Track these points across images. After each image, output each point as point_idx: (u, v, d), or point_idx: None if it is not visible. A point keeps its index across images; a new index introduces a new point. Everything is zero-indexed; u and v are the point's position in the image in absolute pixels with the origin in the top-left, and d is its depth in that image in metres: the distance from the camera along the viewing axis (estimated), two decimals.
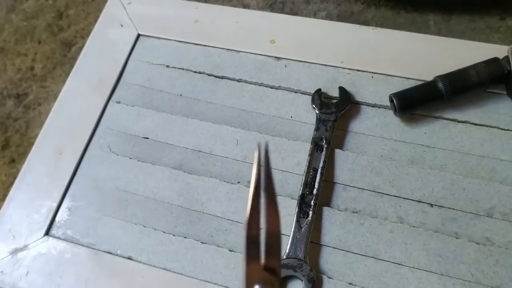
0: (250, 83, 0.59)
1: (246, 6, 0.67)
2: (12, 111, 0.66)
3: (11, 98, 0.67)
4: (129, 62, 0.63)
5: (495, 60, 0.53)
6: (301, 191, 0.51)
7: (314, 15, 0.65)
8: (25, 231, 0.54)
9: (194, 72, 0.61)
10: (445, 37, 0.59)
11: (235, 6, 0.66)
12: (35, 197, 0.56)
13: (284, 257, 0.48)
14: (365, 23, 0.63)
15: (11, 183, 0.58)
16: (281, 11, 0.66)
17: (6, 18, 0.74)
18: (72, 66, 0.64)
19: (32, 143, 0.60)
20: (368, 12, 0.64)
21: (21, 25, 0.73)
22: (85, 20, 0.71)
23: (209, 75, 0.60)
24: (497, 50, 0.54)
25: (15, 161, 0.62)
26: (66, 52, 0.69)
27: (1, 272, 0.52)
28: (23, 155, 0.61)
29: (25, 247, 0.53)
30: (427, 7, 0.63)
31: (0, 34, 0.73)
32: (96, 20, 0.67)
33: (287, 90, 0.58)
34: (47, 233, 0.54)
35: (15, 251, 0.53)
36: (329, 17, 0.65)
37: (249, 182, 0.53)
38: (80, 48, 0.66)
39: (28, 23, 0.73)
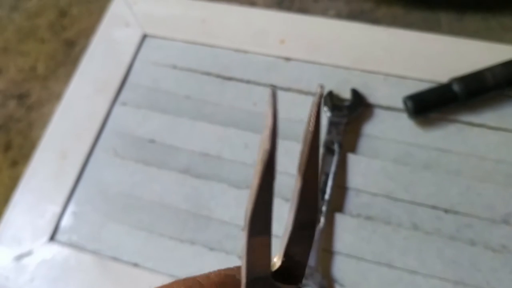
0: (259, 85, 0.57)
1: (253, 4, 0.65)
2: (14, 113, 0.65)
3: (13, 99, 0.66)
4: (135, 63, 0.61)
5: (511, 62, 0.52)
6: None
7: (324, 13, 0.64)
8: (30, 236, 0.53)
9: (202, 73, 0.59)
10: (458, 36, 0.57)
11: (242, 4, 0.65)
12: (39, 201, 0.55)
13: None
14: (376, 21, 0.62)
15: (15, 186, 0.57)
16: (289, 9, 0.64)
17: (8, 17, 0.73)
18: (75, 66, 0.63)
19: (35, 145, 0.59)
20: (379, 11, 0.63)
21: (24, 24, 0.72)
22: (89, 19, 0.70)
23: (217, 76, 0.59)
24: None
25: (18, 164, 0.61)
26: (70, 52, 0.68)
27: (6, 278, 0.51)
28: (26, 157, 0.60)
29: (29, 253, 0.52)
30: (439, 5, 0.62)
31: (2, 33, 0.72)
32: (100, 20, 0.66)
33: (297, 92, 0.56)
34: (51, 238, 0.53)
35: (20, 257, 0.52)
36: (338, 15, 0.63)
37: None
38: (84, 48, 0.64)
39: (31, 22, 0.72)
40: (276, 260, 0.22)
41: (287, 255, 0.22)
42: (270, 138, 0.19)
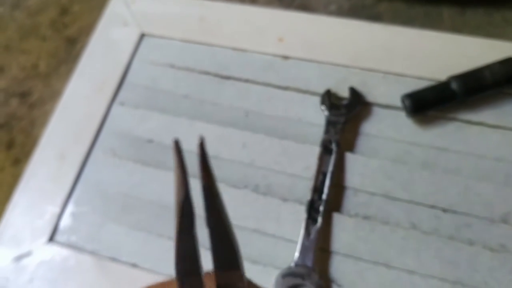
0: (257, 84, 0.57)
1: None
2: (16, 111, 0.65)
3: (16, 97, 0.66)
4: (133, 62, 0.61)
5: (509, 60, 0.51)
6: (310, 196, 0.49)
7: (325, 7, 0.63)
8: (29, 237, 0.53)
9: (200, 72, 0.59)
10: (460, 31, 0.57)
11: (243, 0, 0.64)
12: (38, 202, 0.55)
13: (293, 265, 0.47)
14: (378, 16, 0.61)
15: (17, 184, 0.57)
16: (291, 4, 0.64)
17: (10, 15, 0.73)
18: (76, 64, 0.63)
19: (37, 143, 0.59)
20: (381, 5, 0.62)
21: (26, 22, 0.72)
22: (90, 16, 0.70)
23: (215, 75, 0.59)
24: None
25: (21, 162, 0.61)
26: (71, 49, 0.68)
27: (6, 278, 0.52)
28: (29, 155, 0.60)
29: (29, 253, 0.52)
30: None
31: (4, 31, 0.72)
32: (100, 17, 0.66)
33: (295, 91, 0.56)
34: (51, 239, 0.53)
35: (19, 258, 0.52)
36: (340, 10, 0.63)
37: (256, 186, 0.52)
38: (85, 45, 0.64)
39: (32, 20, 0.72)
40: None
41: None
42: (182, 188, 0.20)
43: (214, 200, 0.21)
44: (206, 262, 0.25)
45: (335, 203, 0.50)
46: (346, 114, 0.53)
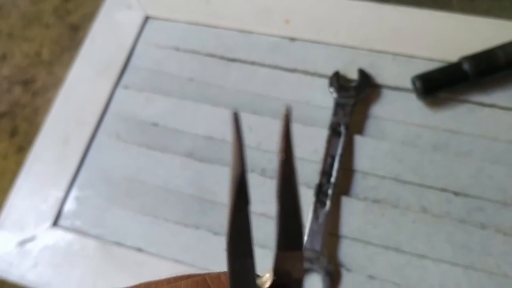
0: (263, 66, 0.56)
1: None
2: (20, 98, 0.65)
3: (19, 85, 0.66)
4: (137, 45, 0.60)
5: None
6: (318, 179, 0.48)
7: None
8: (33, 221, 0.53)
9: (205, 54, 0.58)
10: (470, 15, 0.56)
11: None
12: (42, 186, 0.54)
13: None
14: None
15: (21, 169, 0.56)
16: None
17: (13, 2, 0.73)
18: (80, 50, 0.62)
19: (41, 128, 0.58)
20: None
21: (29, 9, 0.72)
22: (93, 3, 0.69)
23: (220, 57, 0.58)
24: None
25: (25, 149, 0.61)
26: (74, 36, 0.68)
27: (10, 263, 0.51)
28: (32, 143, 0.59)
29: (32, 238, 0.52)
30: None
31: (7, 19, 0.72)
32: (104, 2, 0.65)
33: (303, 73, 0.55)
34: (55, 223, 0.52)
35: (23, 242, 0.52)
36: None
37: (263, 170, 0.51)
38: (88, 32, 0.64)
39: (35, 7, 0.71)
40: (266, 278, 0.22)
41: (279, 273, 0.22)
42: (239, 163, 0.19)
43: (291, 174, 0.20)
44: None
45: (344, 186, 0.49)
46: (355, 96, 0.52)
